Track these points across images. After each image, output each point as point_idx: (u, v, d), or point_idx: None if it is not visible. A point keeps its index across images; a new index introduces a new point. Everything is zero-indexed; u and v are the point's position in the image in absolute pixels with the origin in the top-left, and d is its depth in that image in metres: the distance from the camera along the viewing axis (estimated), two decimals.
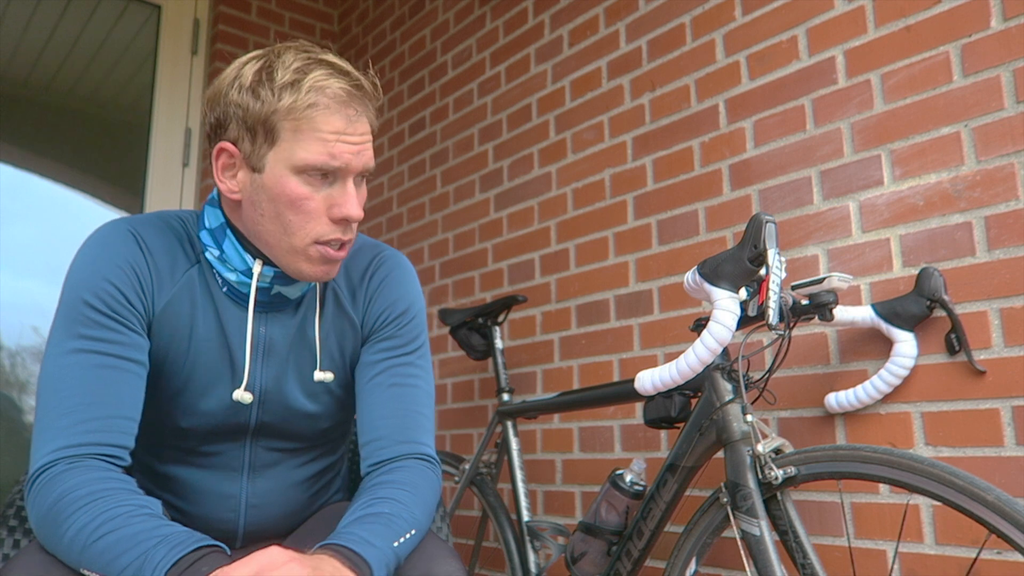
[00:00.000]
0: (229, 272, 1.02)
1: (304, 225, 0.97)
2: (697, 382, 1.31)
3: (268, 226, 0.98)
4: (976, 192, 1.31)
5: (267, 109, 0.94)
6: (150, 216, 1.05)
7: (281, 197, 0.96)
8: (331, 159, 0.95)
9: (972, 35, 1.34)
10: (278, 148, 0.95)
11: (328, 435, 1.16)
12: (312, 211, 0.97)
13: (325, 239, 0.98)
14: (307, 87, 0.94)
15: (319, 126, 0.94)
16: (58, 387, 0.92)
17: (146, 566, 0.78)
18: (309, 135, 0.94)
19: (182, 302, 1.01)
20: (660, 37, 1.89)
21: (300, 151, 0.94)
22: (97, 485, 0.86)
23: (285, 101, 0.93)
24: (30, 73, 2.68)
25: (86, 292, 0.95)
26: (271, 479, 1.10)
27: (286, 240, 0.98)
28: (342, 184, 0.98)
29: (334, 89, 0.95)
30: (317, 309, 1.08)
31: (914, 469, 1.04)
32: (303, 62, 0.96)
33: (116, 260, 0.97)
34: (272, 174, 0.96)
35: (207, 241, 1.03)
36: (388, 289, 1.12)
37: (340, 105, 0.95)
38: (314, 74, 0.95)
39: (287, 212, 0.96)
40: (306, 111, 0.93)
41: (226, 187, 0.99)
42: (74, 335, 0.94)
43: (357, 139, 0.97)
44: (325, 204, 0.97)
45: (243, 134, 0.96)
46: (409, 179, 2.72)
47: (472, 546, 2.04)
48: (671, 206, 1.81)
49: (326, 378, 1.07)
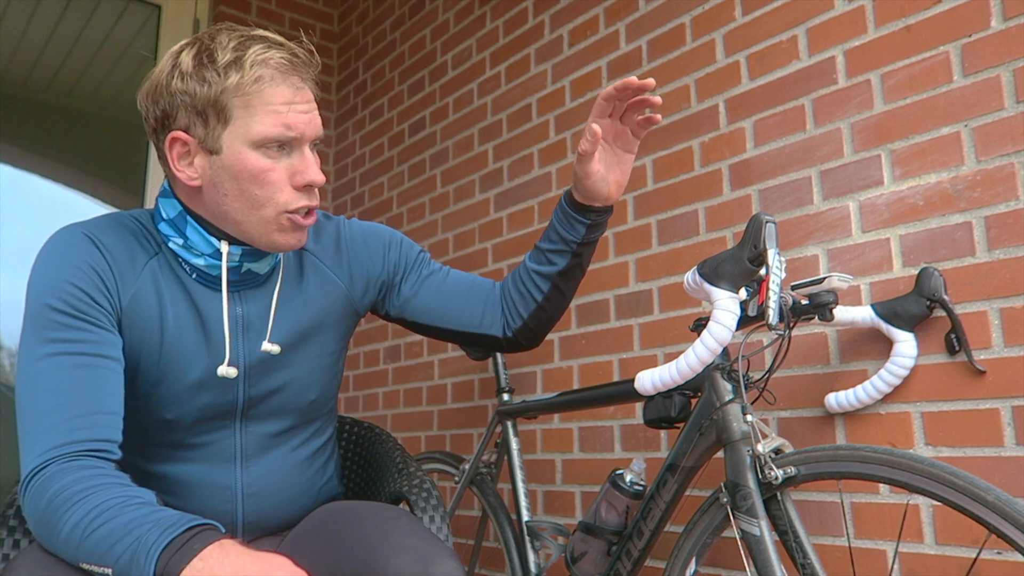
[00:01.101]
0: (196, 258, 1.03)
1: (272, 196, 0.99)
2: (697, 382, 1.31)
3: (234, 204, 1.00)
4: (976, 192, 1.31)
5: (215, 91, 0.96)
6: (101, 218, 1.06)
7: (243, 173, 0.98)
8: (287, 129, 0.98)
9: (972, 35, 1.34)
10: (232, 127, 0.97)
11: (317, 409, 1.16)
12: (275, 182, 0.99)
13: (293, 207, 1.01)
14: (250, 62, 0.96)
15: (269, 99, 0.97)
16: (36, 393, 0.92)
17: (140, 551, 0.79)
18: (261, 109, 0.97)
19: (148, 294, 1.02)
20: (660, 37, 1.89)
21: (256, 125, 0.96)
22: (89, 481, 0.87)
23: (232, 79, 0.95)
24: (30, 73, 2.68)
25: (50, 297, 0.95)
26: (265, 466, 1.10)
27: (255, 214, 1.00)
28: (300, 152, 1.01)
29: (276, 60, 0.98)
30: (278, 284, 1.10)
31: (914, 469, 1.04)
32: (238, 40, 0.98)
33: (75, 262, 0.98)
34: (231, 153, 0.98)
35: (168, 232, 1.04)
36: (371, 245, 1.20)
37: (284, 75, 0.98)
38: (253, 49, 0.97)
39: (251, 187, 0.99)
40: (254, 86, 0.96)
41: (185, 175, 1.00)
42: (44, 340, 0.94)
43: (306, 107, 1.00)
44: (287, 173, 1.00)
45: (194, 120, 0.98)
46: (409, 179, 2.72)
47: (472, 546, 2.04)
48: (671, 206, 1.81)
49: (272, 350, 1.08)
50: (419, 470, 1.22)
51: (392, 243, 1.22)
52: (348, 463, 1.40)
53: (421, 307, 1.21)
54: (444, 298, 1.21)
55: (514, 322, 1.21)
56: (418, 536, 0.96)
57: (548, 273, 1.17)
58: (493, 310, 1.21)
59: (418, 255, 1.24)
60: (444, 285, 1.22)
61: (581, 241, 1.15)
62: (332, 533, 1.04)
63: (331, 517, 1.08)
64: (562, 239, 1.15)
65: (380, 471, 1.31)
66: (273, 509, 1.12)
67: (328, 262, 1.16)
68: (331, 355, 1.16)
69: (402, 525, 0.99)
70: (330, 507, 1.14)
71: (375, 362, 2.76)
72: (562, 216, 1.15)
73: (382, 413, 2.69)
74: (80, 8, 2.77)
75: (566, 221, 1.14)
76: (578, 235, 1.14)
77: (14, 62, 2.64)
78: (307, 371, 1.12)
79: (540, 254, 1.18)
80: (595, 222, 1.14)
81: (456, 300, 1.21)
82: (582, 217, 1.13)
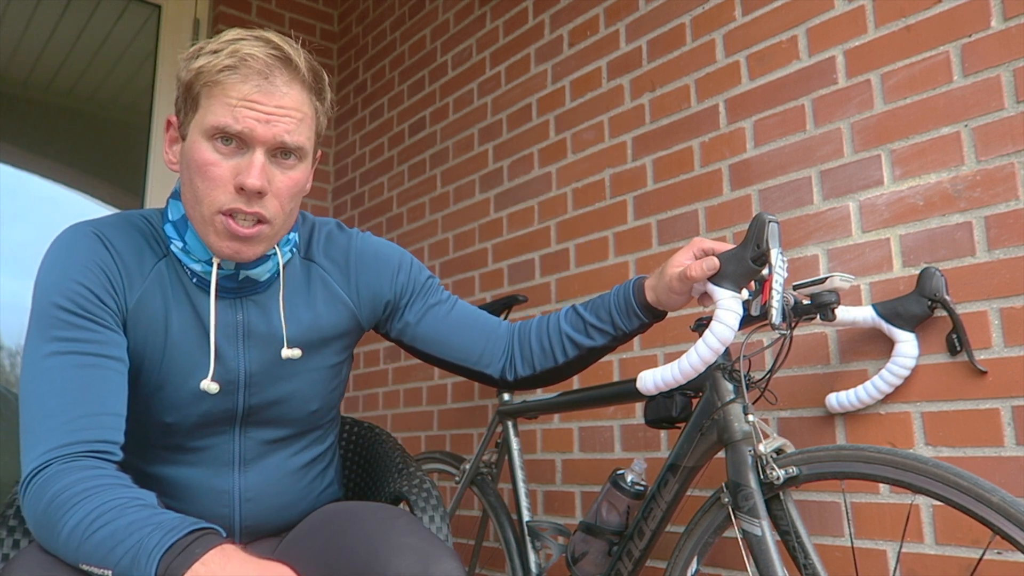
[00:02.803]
0: (194, 263, 1.02)
1: (209, 192, 0.96)
2: (698, 382, 1.31)
3: (187, 195, 1.00)
4: (976, 192, 1.31)
5: (191, 77, 0.96)
6: (111, 217, 1.05)
7: (192, 163, 0.97)
8: (233, 122, 0.94)
9: (972, 35, 1.34)
10: (198, 115, 0.97)
11: (318, 419, 1.16)
12: (217, 178, 0.96)
13: (226, 208, 0.96)
14: (226, 52, 0.95)
15: (228, 90, 0.95)
16: (40, 391, 0.91)
17: (141, 553, 0.79)
18: (219, 99, 0.95)
19: (154, 296, 1.02)
20: (660, 37, 1.89)
21: (208, 115, 0.95)
22: (90, 482, 0.86)
23: (202, 63, 0.95)
24: (30, 73, 2.68)
25: (57, 295, 0.95)
26: (263, 471, 1.10)
27: (197, 209, 0.98)
28: (251, 154, 0.96)
29: (253, 55, 0.95)
30: (281, 289, 1.08)
31: (917, 470, 1.04)
32: (237, 35, 0.98)
33: (83, 261, 0.97)
34: (190, 140, 0.98)
35: (171, 233, 1.03)
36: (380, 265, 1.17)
37: (254, 73, 0.95)
38: (238, 43, 0.96)
39: (196, 178, 0.97)
40: (219, 74, 0.94)
41: (168, 159, 1.03)
42: (50, 339, 0.94)
43: (269, 108, 0.95)
44: (232, 172, 0.96)
45: (180, 105, 1.00)
46: (409, 179, 2.72)
47: (472, 546, 2.04)
48: (671, 206, 1.81)
49: (293, 355, 1.07)
50: (419, 470, 1.22)
51: (402, 266, 1.19)
52: (348, 463, 1.40)
53: (421, 335, 1.20)
54: (446, 330, 1.20)
55: (523, 370, 1.20)
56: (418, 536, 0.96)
57: (582, 344, 1.17)
58: (493, 349, 1.20)
59: (426, 281, 1.21)
60: (448, 317, 1.20)
61: (629, 332, 1.16)
62: (332, 533, 1.04)
63: (330, 517, 1.08)
64: (613, 323, 1.15)
65: (380, 471, 1.31)
66: (271, 513, 1.12)
67: (336, 276, 1.14)
68: (334, 367, 1.15)
69: (402, 525, 0.99)
70: (329, 507, 1.14)
71: (375, 362, 2.76)
72: (623, 305, 1.14)
73: (382, 413, 2.69)
74: (80, 8, 2.77)
75: (626, 312, 1.14)
76: (630, 327, 1.15)
77: (14, 62, 2.64)
78: (309, 382, 1.12)
79: (581, 323, 1.17)
80: (651, 323, 1.16)
81: (457, 334, 1.20)
82: (644, 316, 1.14)
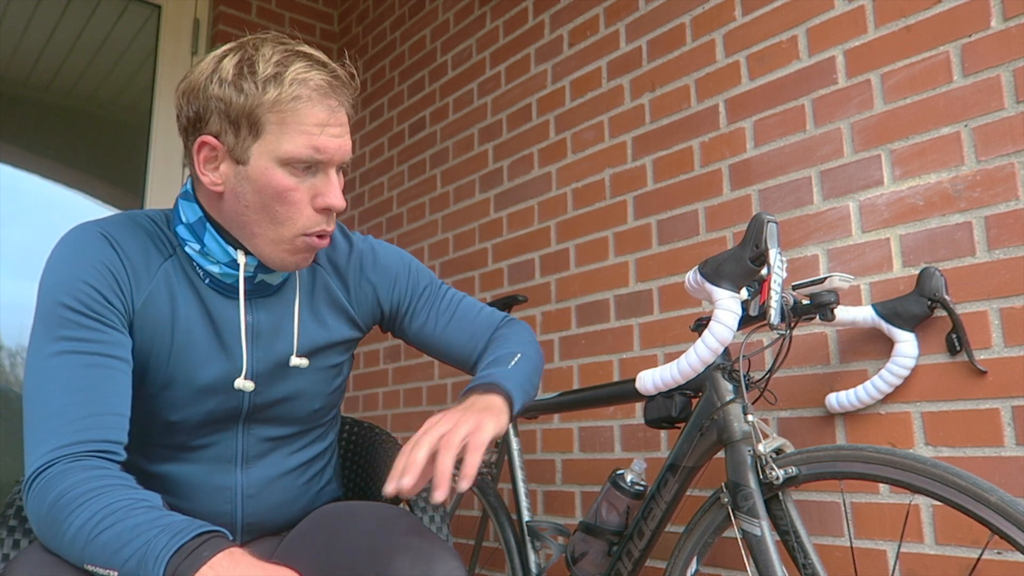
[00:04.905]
0: (212, 265, 1.03)
1: (291, 216, 0.99)
2: (698, 382, 1.31)
3: (253, 216, 0.99)
4: (976, 192, 1.31)
5: (251, 103, 0.95)
6: (117, 217, 1.05)
7: (267, 188, 0.97)
8: (316, 152, 0.97)
9: (972, 35, 1.34)
10: (263, 140, 0.96)
11: (319, 417, 1.16)
12: (297, 201, 0.99)
13: (311, 230, 1.01)
14: (289, 79, 0.95)
15: (303, 119, 0.96)
16: (44, 391, 0.91)
17: (148, 556, 0.78)
18: (294, 128, 0.96)
19: (161, 296, 1.02)
20: (660, 37, 1.89)
21: (286, 144, 0.96)
22: (95, 482, 0.86)
23: (270, 95, 0.94)
24: (30, 73, 2.68)
25: (63, 295, 0.95)
26: (265, 468, 1.10)
27: (273, 231, 1.00)
28: (324, 175, 1.00)
29: (316, 81, 0.97)
30: (296, 296, 1.09)
31: (917, 470, 1.04)
32: (282, 55, 0.97)
33: (90, 261, 0.97)
34: (257, 166, 0.97)
35: (185, 236, 1.03)
36: (379, 272, 1.17)
37: (322, 97, 0.97)
38: (295, 66, 0.96)
39: (274, 203, 0.98)
40: (291, 104, 0.95)
41: (208, 180, 1.00)
42: (55, 338, 0.93)
43: (338, 130, 0.99)
44: (309, 194, 0.99)
45: (226, 127, 0.97)
46: (409, 179, 2.72)
47: (472, 546, 2.04)
48: (671, 206, 1.81)
49: (301, 364, 1.09)
50: None
51: (399, 277, 1.19)
52: (348, 463, 1.40)
53: (418, 342, 1.22)
54: (441, 338, 1.21)
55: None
56: (419, 536, 0.96)
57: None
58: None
59: (424, 290, 1.21)
60: (445, 328, 1.20)
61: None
62: (332, 533, 1.04)
63: (331, 517, 1.08)
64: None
65: (380, 471, 1.31)
66: (272, 511, 1.12)
67: (338, 281, 1.15)
68: (336, 366, 1.16)
69: (402, 525, 0.99)
70: (330, 507, 1.14)
71: (375, 362, 2.76)
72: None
73: (382, 413, 2.69)
74: (80, 8, 2.77)
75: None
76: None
77: (14, 62, 2.64)
78: (313, 383, 1.12)
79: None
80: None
81: (453, 342, 1.21)
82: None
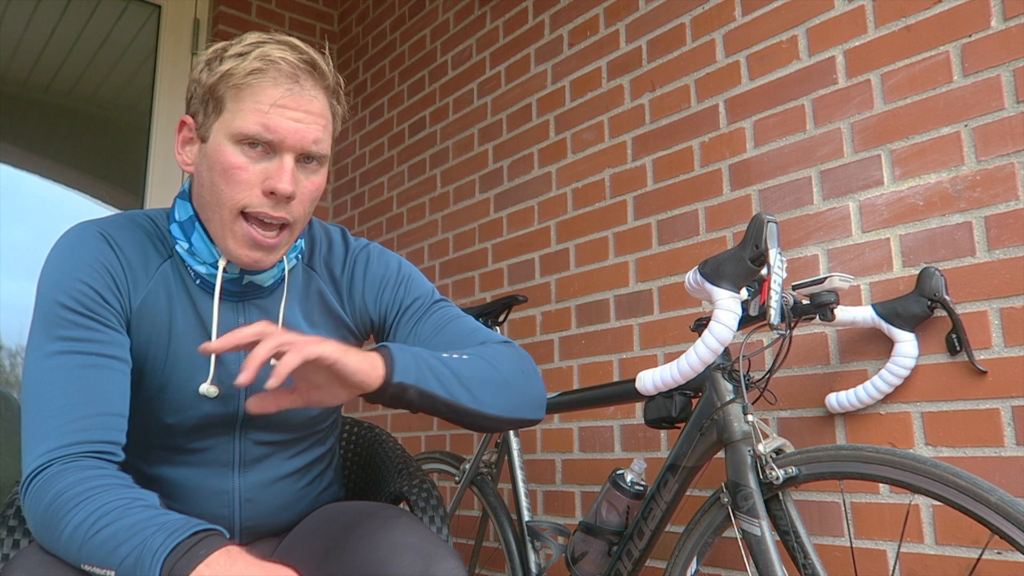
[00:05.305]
0: (199, 264, 1.02)
1: (233, 194, 0.95)
2: (698, 382, 1.31)
3: (207, 198, 0.99)
4: (976, 192, 1.31)
5: (214, 78, 0.96)
6: (117, 217, 1.05)
7: (216, 166, 0.96)
8: (265, 131, 0.94)
9: (972, 35, 1.34)
10: (222, 117, 0.96)
11: (317, 423, 1.15)
12: (243, 181, 0.95)
13: (252, 209, 0.96)
14: (253, 55, 0.95)
15: (258, 94, 0.94)
16: (42, 391, 0.91)
17: (145, 554, 0.78)
18: (248, 103, 0.95)
19: (158, 297, 1.01)
20: (660, 37, 1.89)
21: (237, 119, 0.95)
22: (92, 482, 0.86)
23: (228, 66, 0.95)
24: (30, 73, 2.68)
25: (61, 294, 0.95)
26: (262, 472, 1.10)
27: (217, 212, 0.97)
28: (279, 159, 0.96)
29: (279, 60, 0.95)
30: (283, 298, 1.07)
31: (917, 470, 1.04)
32: (259, 38, 0.98)
33: (88, 261, 0.97)
34: (214, 143, 0.97)
35: (177, 234, 1.03)
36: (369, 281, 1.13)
37: (284, 77, 0.95)
38: (265, 47, 0.96)
39: (219, 181, 0.96)
40: (247, 77, 0.94)
41: (182, 159, 1.02)
42: (53, 338, 0.93)
43: (299, 115, 0.95)
44: (259, 177, 0.96)
45: (199, 107, 0.99)
46: (409, 179, 2.72)
47: (472, 546, 2.04)
48: (671, 206, 1.81)
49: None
50: (419, 470, 1.22)
51: (387, 285, 1.14)
52: (348, 463, 1.40)
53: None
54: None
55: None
56: (419, 536, 0.96)
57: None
58: None
59: (412, 303, 1.14)
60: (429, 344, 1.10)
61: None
62: (332, 533, 1.04)
63: (331, 517, 1.08)
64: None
65: (380, 471, 1.31)
66: (271, 514, 1.12)
67: (332, 287, 1.13)
68: None
69: (403, 525, 0.99)
70: (330, 508, 1.14)
71: None
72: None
73: (382, 413, 2.69)
74: (80, 8, 2.77)
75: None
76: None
77: (14, 62, 2.64)
78: None
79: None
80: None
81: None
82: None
